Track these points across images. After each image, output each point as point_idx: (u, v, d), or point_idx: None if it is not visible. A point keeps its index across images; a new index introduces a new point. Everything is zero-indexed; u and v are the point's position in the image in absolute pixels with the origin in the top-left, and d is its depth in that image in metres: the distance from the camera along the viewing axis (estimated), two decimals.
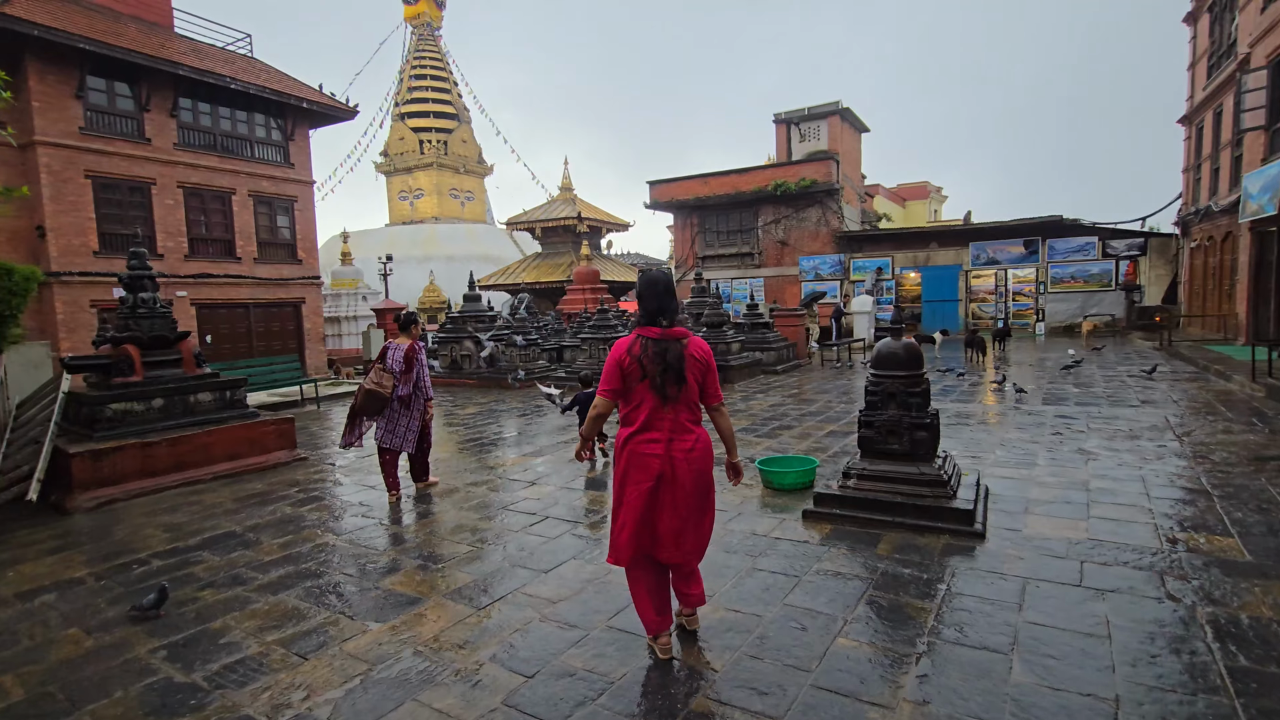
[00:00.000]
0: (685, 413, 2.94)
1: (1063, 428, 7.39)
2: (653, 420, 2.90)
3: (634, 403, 2.93)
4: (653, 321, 2.92)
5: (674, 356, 2.85)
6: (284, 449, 7.69)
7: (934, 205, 47.79)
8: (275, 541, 4.94)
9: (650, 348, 2.86)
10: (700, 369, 2.94)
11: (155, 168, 14.95)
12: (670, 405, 2.89)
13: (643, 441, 2.90)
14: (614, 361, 2.92)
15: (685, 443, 2.91)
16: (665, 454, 2.87)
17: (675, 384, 2.85)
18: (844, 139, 25.93)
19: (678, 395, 2.88)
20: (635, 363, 2.87)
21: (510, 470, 6.75)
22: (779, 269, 25.97)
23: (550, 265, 32.69)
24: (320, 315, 18.68)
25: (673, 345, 2.87)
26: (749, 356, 13.35)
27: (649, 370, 2.85)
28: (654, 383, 2.85)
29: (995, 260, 22.21)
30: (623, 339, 3.00)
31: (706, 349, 3.02)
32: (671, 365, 2.84)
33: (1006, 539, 4.17)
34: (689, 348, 2.91)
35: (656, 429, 2.90)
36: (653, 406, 2.89)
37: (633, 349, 2.89)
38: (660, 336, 2.89)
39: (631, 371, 2.89)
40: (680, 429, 2.92)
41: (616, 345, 2.97)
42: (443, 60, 53.00)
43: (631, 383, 2.91)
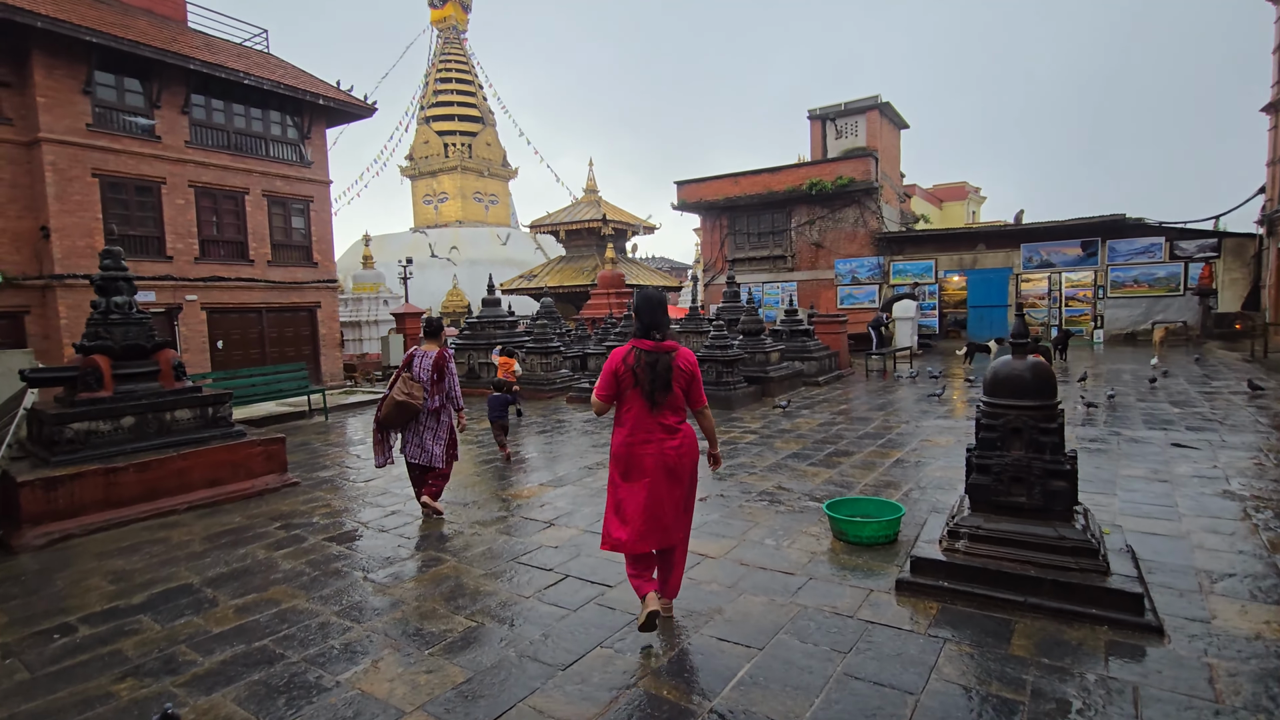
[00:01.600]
0: (671, 416, 3.29)
1: (1183, 459, 6.17)
2: (641, 422, 3.24)
3: (626, 406, 3.27)
4: (646, 334, 3.25)
5: (663, 367, 3.20)
6: (273, 473, 6.81)
7: (972, 206, 45.94)
8: (234, 603, 4.01)
9: (643, 359, 3.21)
10: (686, 378, 3.30)
11: (165, 166, 14.37)
12: (657, 410, 3.23)
13: (635, 443, 3.23)
14: (610, 370, 3.25)
15: (673, 441, 3.26)
16: (658, 453, 3.21)
17: (663, 391, 3.21)
18: (883, 135, 24.62)
19: (664, 401, 3.23)
20: (629, 371, 3.21)
21: (526, 505, 5.76)
22: (813, 272, 24.74)
23: (574, 269, 31.85)
24: (336, 320, 18.00)
25: (662, 357, 3.21)
26: (789, 367, 12.23)
27: (640, 378, 3.19)
28: (644, 390, 3.19)
29: (1049, 263, 20.72)
30: (618, 349, 3.29)
31: (693, 360, 3.35)
32: (660, 375, 3.19)
33: (1195, 636, 3.04)
34: (677, 359, 3.26)
35: (645, 430, 3.23)
36: (641, 410, 3.23)
37: (627, 359, 3.22)
38: (652, 349, 3.23)
39: (625, 379, 3.22)
40: (667, 430, 3.26)
41: (612, 355, 3.29)
42: (468, 63, 52.75)
43: (624, 389, 3.24)
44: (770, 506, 5.33)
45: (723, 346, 10.64)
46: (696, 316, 14.39)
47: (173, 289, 14.49)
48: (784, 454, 7.13)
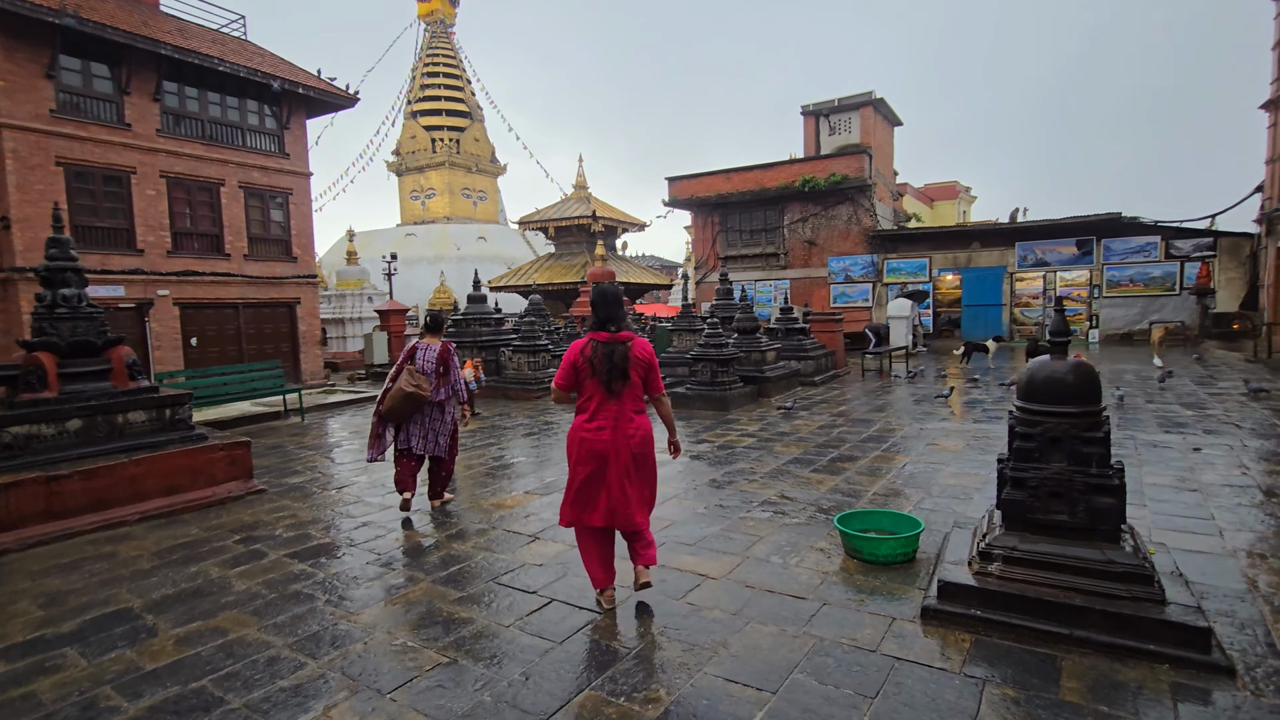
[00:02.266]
0: (629, 404, 3.42)
1: (1208, 466, 5.84)
2: (601, 411, 3.38)
3: (586, 395, 3.42)
4: (602, 327, 3.41)
5: (619, 357, 3.34)
6: (236, 479, 6.33)
7: (963, 206, 45.90)
8: (175, 632, 3.55)
9: (599, 350, 3.35)
10: (643, 367, 3.43)
11: (136, 155, 13.76)
12: (616, 398, 3.37)
13: (591, 429, 3.38)
14: (569, 361, 3.40)
15: (628, 429, 3.38)
16: (610, 439, 3.34)
17: (620, 380, 3.35)
18: (877, 132, 24.34)
19: (622, 389, 3.37)
20: (586, 362, 3.36)
21: (509, 516, 5.33)
22: (806, 270, 24.42)
23: (563, 266, 31.37)
24: (316, 317, 17.43)
25: (618, 347, 3.35)
26: (785, 366, 11.85)
27: (598, 368, 3.33)
28: (602, 379, 3.33)
29: (1044, 262, 20.52)
30: (576, 341, 3.43)
31: (649, 349, 3.47)
32: (617, 364, 3.33)
33: (1274, 677, 2.66)
34: (633, 349, 3.38)
35: (603, 418, 3.37)
36: (601, 399, 3.37)
37: (585, 351, 3.37)
38: (608, 340, 3.37)
39: (583, 369, 3.37)
40: (624, 418, 3.38)
41: (571, 347, 3.43)
42: (455, 57, 52.04)
43: (584, 379, 3.40)
44: (775, 518, 4.92)
45: (717, 345, 10.24)
46: (690, 314, 13.99)
47: (144, 283, 13.89)
48: (785, 459, 6.74)
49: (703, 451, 7.24)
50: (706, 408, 9.90)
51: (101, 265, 13.27)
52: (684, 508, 5.27)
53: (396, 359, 5.68)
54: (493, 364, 13.39)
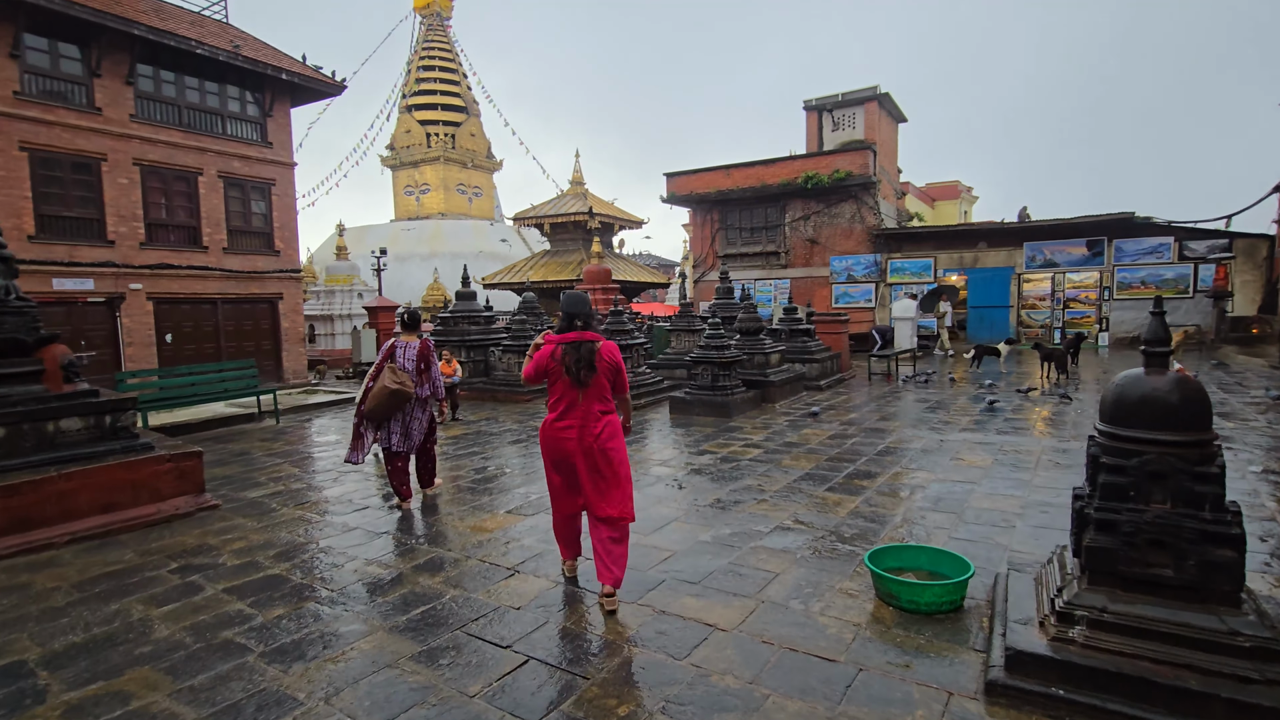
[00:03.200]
0: (597, 403, 3.63)
1: (1275, 485, 5.23)
2: (570, 410, 3.60)
3: (556, 394, 3.65)
4: (571, 327, 3.66)
5: (586, 353, 3.56)
6: (186, 494, 5.67)
7: (964, 206, 45.37)
8: (67, 697, 2.90)
9: (569, 351, 3.58)
10: (610, 368, 3.65)
11: (107, 141, 13.04)
12: (584, 397, 3.58)
13: (561, 428, 3.60)
14: (541, 358, 3.64)
15: (596, 428, 3.58)
16: (578, 438, 3.56)
17: (588, 372, 3.54)
18: (881, 128, 23.73)
19: (589, 382, 3.57)
20: (557, 364, 3.58)
21: (487, 543, 4.68)
22: (808, 269, 23.81)
23: (559, 263, 30.70)
24: (300, 313, 16.73)
25: (586, 345, 3.58)
26: (790, 369, 11.23)
27: (568, 364, 3.54)
28: (572, 375, 3.54)
29: (1053, 262, 19.94)
30: (549, 340, 3.68)
31: (615, 351, 3.70)
32: (585, 359, 3.55)
33: None
34: (600, 350, 3.61)
35: (572, 417, 3.59)
36: (570, 399, 3.59)
37: (556, 354, 3.59)
38: (577, 339, 3.60)
39: (554, 369, 3.59)
40: (591, 417, 3.59)
41: (543, 348, 3.67)
42: (451, 51, 51.29)
43: (554, 378, 3.62)
44: (791, 550, 4.29)
45: (719, 347, 9.61)
46: (689, 314, 13.37)
47: (114, 276, 13.19)
48: (795, 474, 6.11)
49: (704, 465, 6.60)
50: (707, 414, 9.27)
51: (69, 257, 12.57)
52: (685, 535, 4.63)
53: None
54: (482, 364, 12.74)
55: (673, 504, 5.34)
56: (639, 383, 10.65)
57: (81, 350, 12.89)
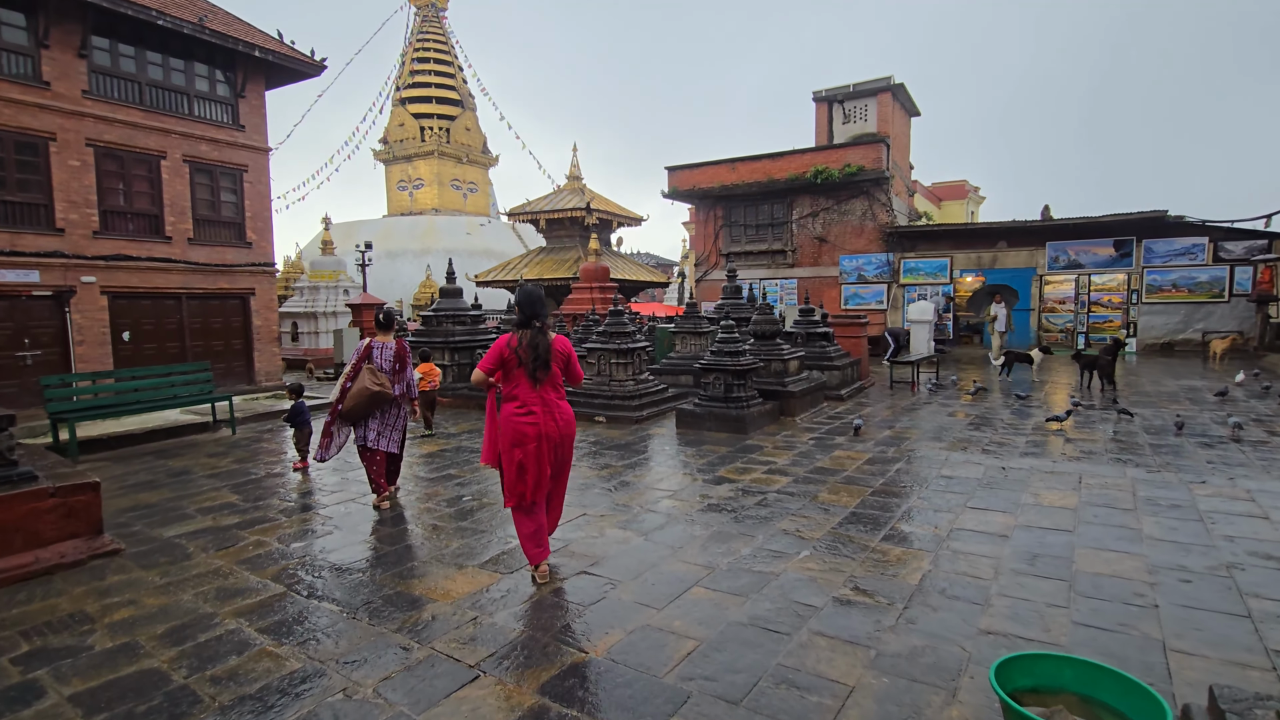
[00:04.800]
0: (552, 392, 3.91)
1: None
2: (528, 399, 3.82)
3: (514, 384, 3.85)
4: (527, 324, 3.87)
5: (543, 348, 3.82)
6: (77, 536, 4.50)
7: (971, 206, 44.31)
8: None
9: (525, 341, 3.81)
10: (562, 359, 3.95)
11: (56, 119, 11.83)
12: (540, 387, 3.84)
13: (520, 415, 3.80)
14: (497, 351, 3.83)
15: (555, 414, 3.86)
16: (540, 422, 3.79)
17: (544, 369, 3.81)
18: (895, 121, 22.62)
19: (546, 376, 3.84)
20: (514, 354, 3.81)
21: (442, 621, 3.52)
22: (815, 269, 22.69)
23: (555, 261, 29.53)
24: (274, 310, 15.53)
25: (541, 339, 3.83)
26: (809, 378, 10.08)
27: (524, 358, 3.79)
28: (528, 368, 3.79)
29: (1077, 263, 18.87)
30: (504, 335, 3.88)
31: (566, 343, 3.98)
32: (541, 354, 3.80)
33: None
34: (554, 343, 3.88)
35: (531, 406, 3.81)
36: (528, 388, 3.83)
37: (511, 343, 3.83)
38: (533, 334, 3.83)
39: (510, 360, 3.82)
40: (550, 404, 3.87)
41: (499, 340, 3.86)
42: (447, 43, 50.09)
43: (511, 369, 3.83)
44: (860, 640, 3.15)
45: (733, 353, 8.47)
46: (695, 315, 12.23)
47: (63, 268, 11.98)
48: (839, 515, 4.97)
49: (724, 499, 5.46)
50: (720, 429, 8.13)
51: (10, 246, 11.36)
52: (712, 611, 3.48)
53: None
54: (467, 368, 11.56)
55: (690, 557, 4.20)
56: (640, 392, 9.50)
57: (25, 350, 11.70)
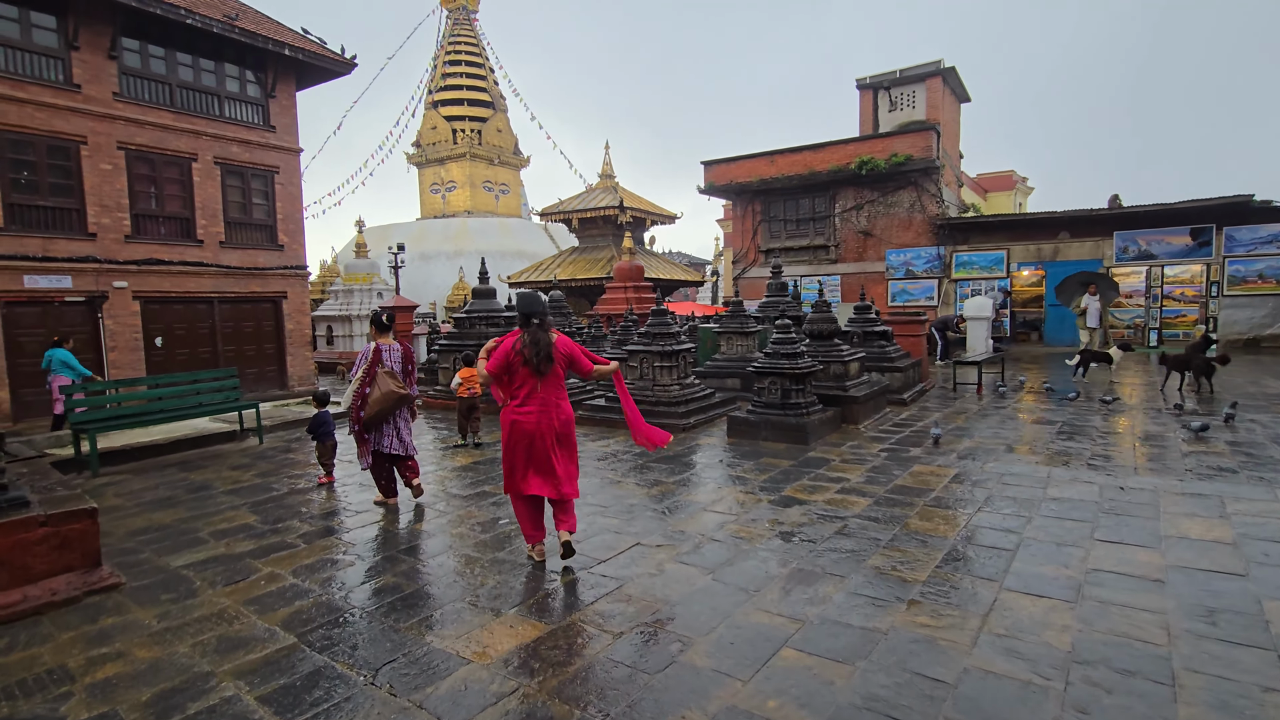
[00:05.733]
0: (554, 390, 4.09)
1: None
2: (530, 397, 4.02)
3: (517, 384, 4.03)
4: (527, 324, 4.06)
5: (545, 345, 4.01)
6: (71, 569, 4.01)
7: (1019, 198, 42.45)
8: None
9: (528, 340, 4.00)
10: (564, 357, 4.12)
11: (87, 122, 11.67)
12: (543, 385, 4.03)
13: (522, 413, 4.01)
14: (503, 353, 4.02)
15: (553, 412, 4.04)
16: (537, 420, 3.99)
17: (546, 363, 3.99)
18: (945, 107, 21.46)
19: (549, 370, 4.02)
20: (518, 354, 3.99)
21: (488, 682, 2.88)
22: (860, 264, 21.67)
23: (588, 261, 29.02)
24: (306, 314, 15.26)
25: (543, 337, 4.02)
26: (870, 381, 9.25)
27: (528, 356, 3.97)
28: (532, 366, 3.97)
29: (1148, 254, 17.52)
30: (507, 335, 4.10)
31: (569, 341, 4.20)
32: (543, 350, 3.99)
33: None
34: (556, 342, 4.07)
35: (531, 404, 4.02)
36: (531, 387, 4.01)
37: (516, 345, 4.01)
38: (535, 335, 4.02)
39: (515, 361, 3.99)
40: (549, 404, 4.05)
41: (504, 339, 4.08)
42: (478, 45, 50.13)
43: (515, 368, 4.01)
44: None
45: (791, 355, 7.71)
46: (741, 314, 11.48)
47: (96, 273, 11.81)
48: (939, 547, 4.19)
49: (797, 525, 4.73)
50: (777, 438, 7.38)
51: (43, 251, 11.22)
52: (814, 686, 2.76)
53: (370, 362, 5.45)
54: None
55: (770, 604, 3.49)
56: (687, 397, 8.80)
57: None
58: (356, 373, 5.40)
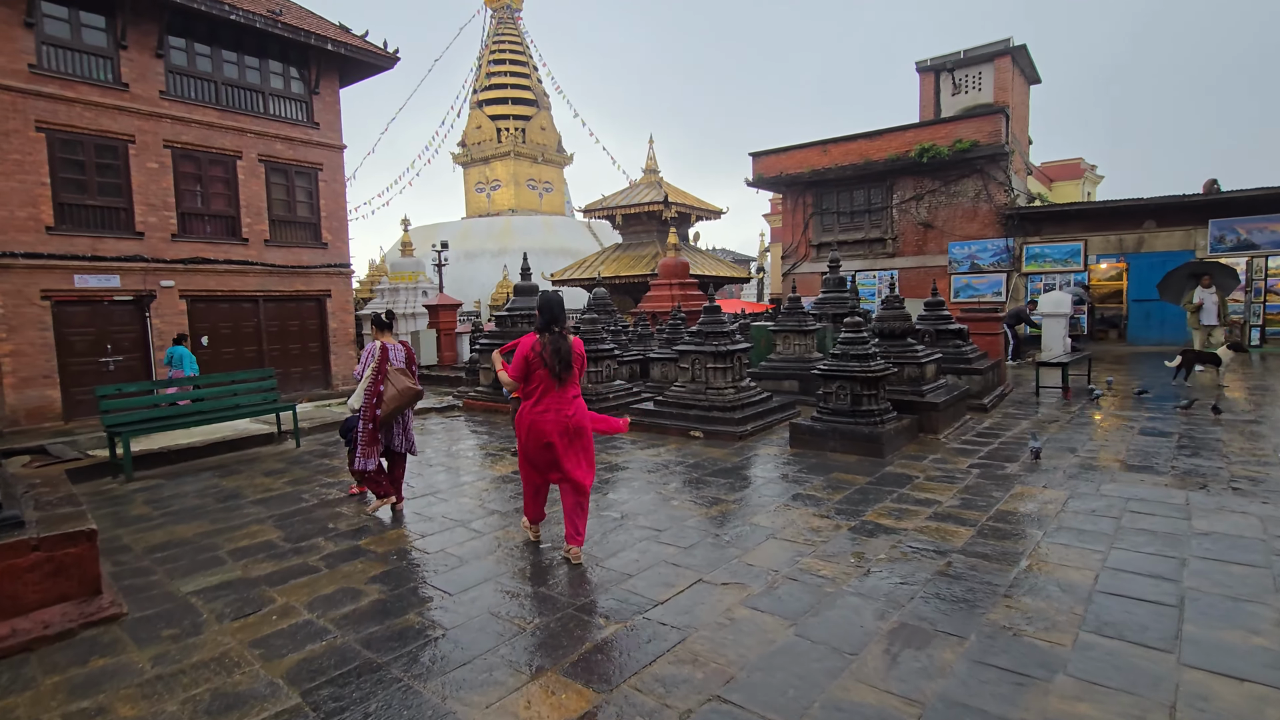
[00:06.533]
0: (569, 390, 4.21)
1: None
2: (545, 396, 4.15)
3: (534, 384, 4.16)
4: (547, 328, 4.18)
5: (565, 350, 4.14)
6: (67, 599, 3.59)
7: (1087, 187, 40.00)
8: None
9: (548, 344, 4.12)
10: (581, 360, 4.28)
11: (134, 121, 11.66)
12: (560, 385, 4.15)
13: (539, 411, 4.15)
14: (522, 356, 4.15)
15: (568, 411, 4.17)
16: (554, 419, 4.12)
17: (565, 369, 4.13)
18: (1014, 89, 20.03)
19: (569, 376, 4.17)
20: (537, 357, 4.11)
21: None
22: (919, 258, 20.45)
23: (632, 257, 28.42)
24: (350, 312, 15.11)
25: (563, 342, 4.15)
26: (948, 385, 8.35)
27: (548, 361, 4.09)
28: (552, 369, 4.10)
29: (1249, 243, 15.87)
30: (526, 338, 4.21)
31: (581, 345, 4.30)
32: (563, 356, 4.12)
33: None
34: (574, 345, 4.21)
35: (547, 403, 4.15)
36: (547, 387, 4.14)
37: (535, 347, 4.14)
38: (555, 338, 4.15)
39: (535, 362, 4.12)
40: (565, 401, 4.18)
41: (522, 343, 4.19)
42: (522, 43, 50.18)
43: (534, 370, 4.14)
44: None
45: (861, 356, 6.91)
46: (799, 311, 10.67)
47: (143, 272, 11.80)
48: (1076, 598, 3.40)
49: (888, 561, 3.99)
50: (847, 449, 6.61)
51: (92, 251, 11.23)
52: None
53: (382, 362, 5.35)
54: None
55: (875, 675, 2.78)
56: (742, 401, 8.08)
57: (107, 356, 11.57)
58: (365, 371, 5.30)
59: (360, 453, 5.28)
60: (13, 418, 10.50)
